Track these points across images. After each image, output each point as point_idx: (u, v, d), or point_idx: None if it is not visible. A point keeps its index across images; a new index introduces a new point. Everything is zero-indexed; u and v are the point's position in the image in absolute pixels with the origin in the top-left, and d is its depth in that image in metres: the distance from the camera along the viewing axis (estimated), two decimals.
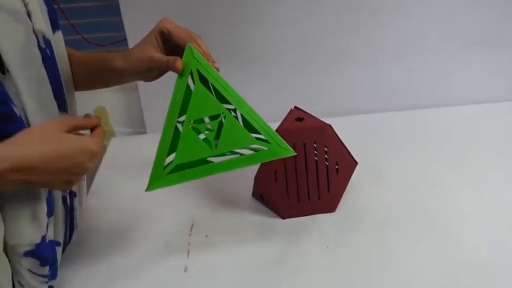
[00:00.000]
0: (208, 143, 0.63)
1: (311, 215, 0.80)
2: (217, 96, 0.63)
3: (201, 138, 0.63)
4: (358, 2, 1.02)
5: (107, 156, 1.05)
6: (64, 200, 0.67)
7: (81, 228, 0.79)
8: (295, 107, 0.85)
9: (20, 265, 0.59)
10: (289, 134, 0.77)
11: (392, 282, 0.67)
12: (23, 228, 0.57)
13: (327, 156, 0.79)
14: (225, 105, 0.63)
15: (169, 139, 0.63)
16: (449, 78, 1.13)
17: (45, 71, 0.58)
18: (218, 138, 0.63)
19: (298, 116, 0.80)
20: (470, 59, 1.11)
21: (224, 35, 1.03)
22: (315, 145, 0.78)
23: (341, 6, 1.02)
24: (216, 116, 0.63)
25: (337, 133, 0.80)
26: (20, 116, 0.54)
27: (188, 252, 0.75)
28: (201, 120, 0.63)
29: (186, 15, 0.99)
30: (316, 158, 0.79)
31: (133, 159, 1.00)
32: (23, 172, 0.49)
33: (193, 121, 0.63)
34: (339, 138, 0.81)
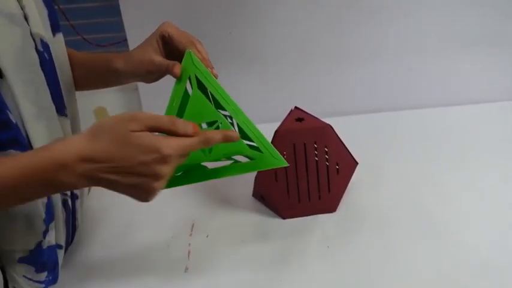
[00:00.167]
0: (202, 149, 0.62)
1: (311, 215, 0.80)
2: (215, 103, 0.63)
3: None
4: (358, 2, 1.02)
5: None
6: (65, 203, 0.67)
7: (81, 228, 0.79)
8: (296, 107, 0.85)
9: (15, 271, 0.58)
10: (289, 134, 0.77)
11: (393, 282, 0.67)
12: (17, 234, 0.57)
13: (327, 156, 0.79)
14: (221, 112, 0.63)
15: None
16: (449, 78, 1.13)
17: (42, 74, 0.58)
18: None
19: (298, 116, 0.80)
20: (470, 59, 1.11)
21: (224, 35, 1.03)
22: (316, 145, 0.78)
23: (341, 6, 1.02)
24: (212, 123, 0.63)
25: (337, 133, 0.80)
26: (16, 123, 0.53)
27: (189, 252, 0.75)
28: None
29: (186, 16, 0.99)
30: (316, 158, 0.79)
31: None
32: (90, 163, 0.47)
33: None
34: (339, 138, 0.81)
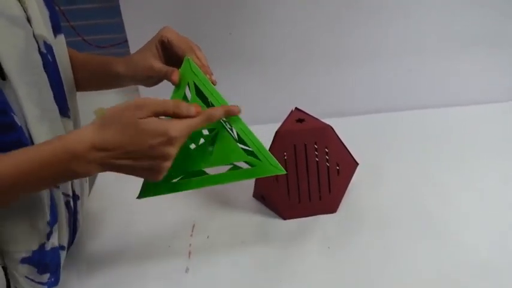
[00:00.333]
0: (201, 155, 0.63)
1: (312, 215, 0.81)
2: None
3: (194, 149, 0.64)
4: (358, 2, 1.02)
5: None
6: (67, 204, 0.67)
7: (82, 229, 0.79)
8: (296, 108, 0.85)
9: (17, 271, 0.59)
10: (290, 135, 0.77)
11: (393, 283, 0.68)
12: (20, 235, 0.57)
13: (327, 157, 0.79)
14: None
15: None
16: (449, 78, 1.13)
17: (46, 75, 0.58)
18: (211, 151, 0.63)
19: (298, 117, 0.80)
20: (470, 59, 1.11)
21: (224, 36, 1.03)
22: (316, 146, 0.78)
23: (341, 6, 1.02)
24: (210, 130, 0.63)
25: (337, 134, 0.81)
26: (21, 125, 0.53)
27: (189, 253, 0.75)
28: (195, 132, 0.63)
29: (186, 17, 0.99)
30: (317, 159, 0.79)
31: None
32: (102, 151, 0.50)
33: None
34: (340, 139, 0.81)
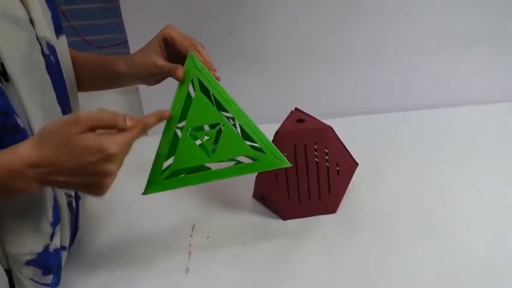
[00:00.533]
0: (206, 150, 0.63)
1: (312, 216, 0.81)
2: (217, 105, 0.63)
3: (199, 145, 0.64)
4: (358, 2, 1.02)
5: None
6: (70, 205, 0.67)
7: (82, 229, 0.79)
8: (296, 109, 0.85)
9: (22, 274, 0.58)
10: (289, 136, 0.77)
11: (393, 283, 0.68)
12: (24, 237, 0.57)
13: (327, 157, 0.79)
14: (224, 114, 0.63)
15: (167, 145, 0.63)
16: (449, 78, 1.13)
17: (49, 77, 0.58)
18: (216, 146, 0.63)
19: (298, 118, 0.80)
20: (470, 59, 1.11)
21: (225, 36, 1.03)
22: (316, 146, 0.78)
23: (341, 6, 1.02)
24: (214, 125, 0.63)
25: (337, 134, 0.81)
26: (24, 127, 0.53)
27: (189, 253, 0.75)
28: (200, 128, 0.64)
29: (187, 17, 0.99)
30: (316, 160, 0.79)
31: (134, 161, 0.99)
32: (39, 168, 0.48)
33: (192, 128, 0.63)
34: (340, 139, 0.81)
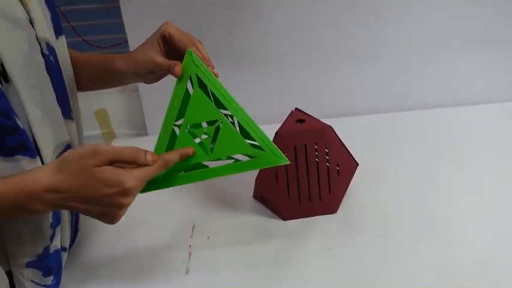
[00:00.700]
0: (204, 148, 0.63)
1: (312, 216, 0.81)
2: (216, 102, 0.63)
3: (197, 142, 0.63)
4: (358, 2, 1.02)
5: None
6: None
7: (83, 230, 0.79)
8: (296, 109, 0.85)
9: (22, 276, 0.59)
10: (290, 136, 0.77)
11: (394, 283, 0.68)
12: (25, 239, 0.57)
13: (328, 157, 0.79)
14: (222, 111, 0.63)
15: (165, 142, 0.63)
16: (449, 78, 1.13)
17: (48, 77, 0.58)
18: (214, 143, 0.63)
19: (299, 118, 0.80)
20: (470, 59, 1.11)
21: (225, 36, 1.03)
22: (316, 146, 0.78)
23: (341, 6, 1.02)
24: (213, 122, 0.63)
25: (338, 134, 0.81)
26: (24, 128, 0.53)
27: (190, 254, 0.75)
28: (198, 125, 0.63)
29: (187, 17, 0.99)
30: (317, 160, 0.79)
31: None
32: (56, 194, 0.51)
33: (190, 125, 0.63)
34: (340, 139, 0.81)
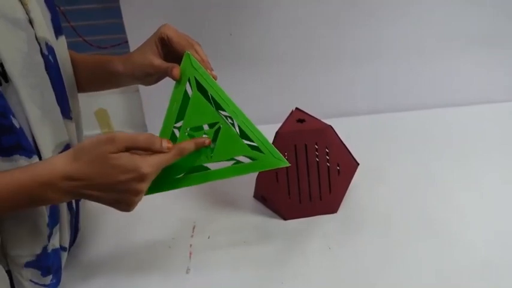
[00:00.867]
0: (204, 151, 0.62)
1: (313, 216, 0.81)
2: (215, 104, 0.63)
3: None
4: (358, 2, 1.02)
5: None
6: (69, 205, 0.67)
7: (83, 230, 0.79)
8: (296, 108, 0.85)
9: (22, 276, 0.59)
10: (290, 136, 0.77)
11: (394, 283, 0.68)
12: (23, 239, 0.57)
13: (328, 157, 0.79)
14: (221, 113, 0.63)
15: None
16: (449, 78, 1.13)
17: (48, 77, 0.58)
18: (214, 146, 0.63)
19: (299, 118, 0.80)
20: (470, 59, 1.11)
21: (225, 36, 1.03)
22: (316, 146, 0.78)
23: (341, 6, 1.02)
24: (212, 125, 0.63)
25: (338, 134, 0.81)
26: (21, 127, 0.53)
27: (190, 253, 0.75)
28: (197, 127, 0.63)
29: (187, 17, 0.99)
30: (317, 160, 0.79)
31: None
32: (73, 181, 0.51)
33: (190, 128, 0.63)
34: (340, 139, 0.81)
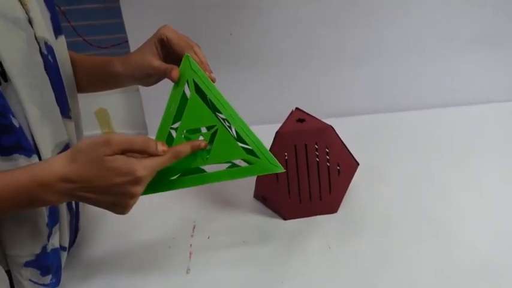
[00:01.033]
0: (200, 153, 0.62)
1: (313, 216, 0.81)
2: (212, 107, 0.62)
3: None
4: (358, 2, 1.02)
5: None
6: (69, 205, 0.67)
7: (83, 230, 0.79)
8: (297, 108, 0.85)
9: (21, 275, 0.59)
10: (290, 136, 0.77)
11: (394, 283, 0.68)
12: (23, 239, 0.57)
13: (328, 157, 0.79)
14: (218, 115, 0.63)
15: None
16: (449, 78, 1.13)
17: (47, 77, 0.58)
18: (210, 148, 0.63)
19: (299, 117, 0.80)
20: (470, 59, 1.11)
21: (225, 36, 1.03)
22: (317, 146, 0.78)
23: (341, 6, 1.02)
24: (209, 127, 0.63)
25: (338, 134, 0.81)
26: (20, 127, 0.53)
27: (190, 253, 0.75)
28: (194, 130, 0.63)
29: (187, 17, 0.99)
30: (317, 159, 0.79)
31: None
32: (70, 183, 0.51)
33: (186, 130, 0.63)
34: (341, 139, 0.81)
